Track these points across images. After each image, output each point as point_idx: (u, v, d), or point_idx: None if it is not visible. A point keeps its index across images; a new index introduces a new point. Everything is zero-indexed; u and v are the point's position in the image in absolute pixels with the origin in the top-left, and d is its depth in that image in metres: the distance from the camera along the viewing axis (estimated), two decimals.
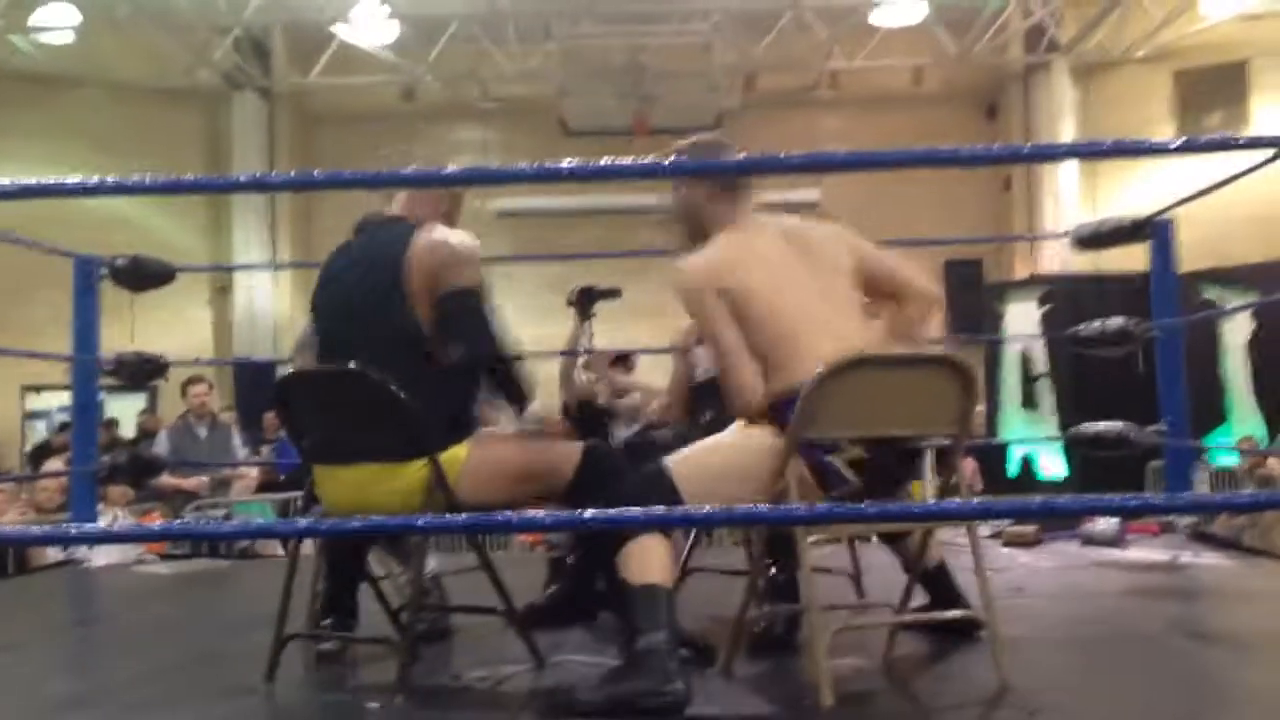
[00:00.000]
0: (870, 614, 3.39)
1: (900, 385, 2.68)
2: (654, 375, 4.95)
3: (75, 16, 12.87)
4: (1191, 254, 5.59)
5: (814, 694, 2.53)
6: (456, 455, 2.90)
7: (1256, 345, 10.42)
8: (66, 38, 13.64)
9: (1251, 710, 2.61)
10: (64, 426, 10.95)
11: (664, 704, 2.48)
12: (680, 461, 2.82)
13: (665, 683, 2.49)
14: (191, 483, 8.02)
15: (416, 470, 2.84)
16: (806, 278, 2.89)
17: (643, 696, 2.49)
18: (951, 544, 3.70)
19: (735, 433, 2.90)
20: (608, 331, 4.60)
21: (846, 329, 2.84)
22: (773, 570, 3.20)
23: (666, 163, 2.75)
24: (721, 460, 2.83)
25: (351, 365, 2.88)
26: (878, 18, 14.01)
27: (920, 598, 3.08)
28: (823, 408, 2.63)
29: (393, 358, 2.86)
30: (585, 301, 4.38)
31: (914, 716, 2.69)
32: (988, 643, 2.70)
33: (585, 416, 4.47)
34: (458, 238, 3.03)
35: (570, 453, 3.01)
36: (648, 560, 2.66)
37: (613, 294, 4.44)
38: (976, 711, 2.64)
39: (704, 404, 3.82)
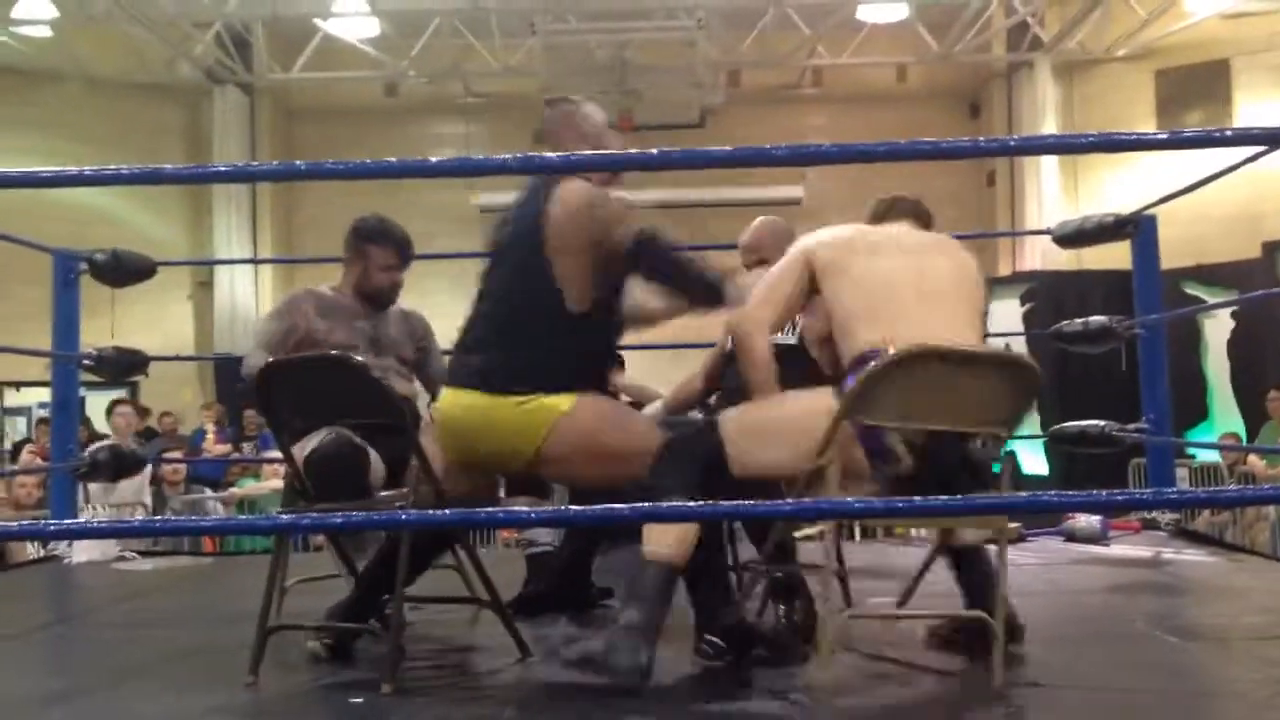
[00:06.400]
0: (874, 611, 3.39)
1: (962, 382, 2.62)
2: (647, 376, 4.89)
3: (51, 11, 12.77)
4: (1172, 252, 5.60)
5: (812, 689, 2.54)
6: (557, 404, 2.80)
7: (1237, 343, 10.49)
8: (45, 31, 13.55)
9: (1234, 706, 2.62)
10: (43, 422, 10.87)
11: (617, 679, 2.50)
12: (734, 419, 2.79)
13: (624, 659, 2.50)
14: None
15: (518, 406, 2.79)
16: (916, 268, 2.88)
17: (604, 666, 2.51)
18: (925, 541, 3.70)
19: (798, 393, 2.83)
20: None
21: (936, 322, 2.78)
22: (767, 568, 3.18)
23: (651, 154, 2.72)
24: (777, 419, 2.77)
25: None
26: (861, 15, 14.02)
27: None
28: (880, 394, 2.58)
29: (526, 301, 2.85)
30: None
31: (896, 712, 2.67)
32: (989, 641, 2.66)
33: None
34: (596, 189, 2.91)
35: (651, 445, 2.83)
36: (665, 534, 2.64)
37: None
38: (954, 709, 2.66)
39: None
